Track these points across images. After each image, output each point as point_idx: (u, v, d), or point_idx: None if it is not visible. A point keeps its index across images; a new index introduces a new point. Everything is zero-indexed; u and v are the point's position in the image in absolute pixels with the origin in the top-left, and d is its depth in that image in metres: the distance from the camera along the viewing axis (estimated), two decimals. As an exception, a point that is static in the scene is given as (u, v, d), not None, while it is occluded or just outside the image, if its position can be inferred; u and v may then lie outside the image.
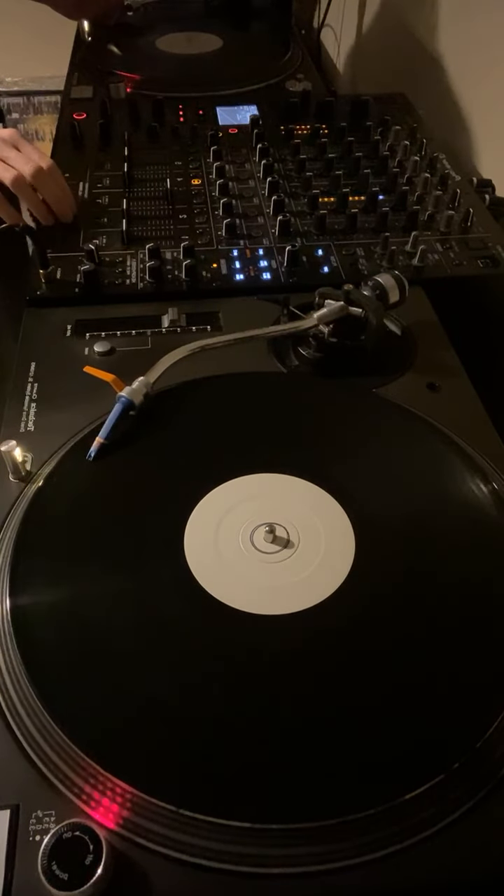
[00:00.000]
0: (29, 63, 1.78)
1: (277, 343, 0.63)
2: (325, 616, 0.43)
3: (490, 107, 0.93)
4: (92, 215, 0.78)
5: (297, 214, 0.78)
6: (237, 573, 0.46)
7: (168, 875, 0.34)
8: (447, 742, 0.38)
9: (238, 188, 0.83)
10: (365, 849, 0.35)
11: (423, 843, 0.35)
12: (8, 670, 0.41)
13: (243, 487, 0.51)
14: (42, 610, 0.43)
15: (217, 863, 0.34)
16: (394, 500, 0.50)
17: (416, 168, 0.84)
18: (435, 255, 0.73)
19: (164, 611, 0.44)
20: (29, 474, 0.51)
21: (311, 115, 0.98)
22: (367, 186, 0.81)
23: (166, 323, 0.65)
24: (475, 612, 0.44)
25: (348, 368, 0.61)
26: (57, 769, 0.37)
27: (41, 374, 0.60)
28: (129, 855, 0.34)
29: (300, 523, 0.48)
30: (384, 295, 0.61)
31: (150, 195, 0.81)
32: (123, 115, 0.97)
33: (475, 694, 0.40)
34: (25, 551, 0.46)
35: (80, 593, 0.44)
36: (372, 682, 0.41)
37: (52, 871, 0.32)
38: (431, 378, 0.60)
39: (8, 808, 0.36)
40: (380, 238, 0.73)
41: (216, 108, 1.00)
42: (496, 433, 0.56)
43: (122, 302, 0.68)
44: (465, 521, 0.49)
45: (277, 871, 0.34)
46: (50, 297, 0.68)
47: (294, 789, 0.36)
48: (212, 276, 0.70)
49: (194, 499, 0.50)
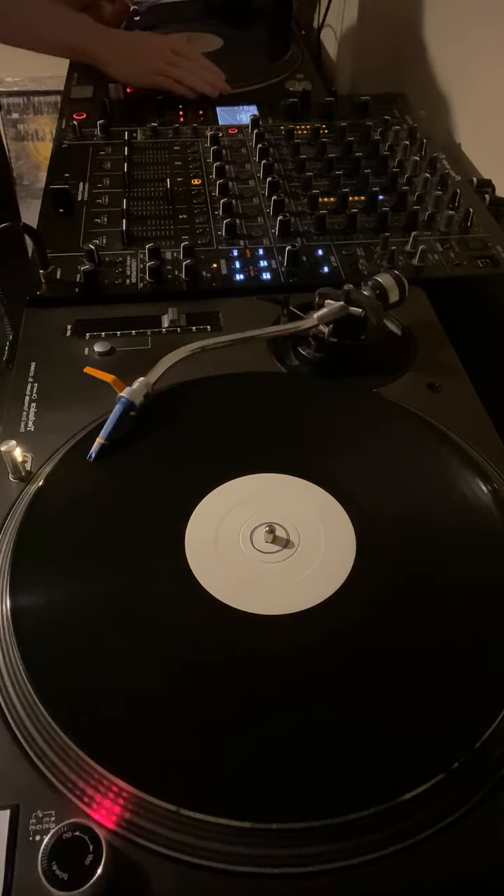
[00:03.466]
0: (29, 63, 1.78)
1: (277, 343, 0.63)
2: (325, 616, 0.43)
3: (490, 107, 0.93)
4: (92, 215, 0.78)
5: (297, 214, 0.78)
6: (237, 573, 0.46)
7: (168, 875, 0.34)
8: (446, 742, 0.38)
9: (238, 188, 0.83)
10: (365, 849, 0.35)
11: (423, 843, 0.35)
12: (8, 670, 0.41)
13: (243, 487, 0.51)
14: (42, 610, 0.43)
15: (217, 863, 0.34)
16: (394, 500, 0.50)
17: (416, 168, 0.84)
18: (435, 255, 0.73)
19: (165, 611, 0.44)
20: (29, 474, 0.51)
21: (311, 115, 0.98)
22: (367, 186, 0.81)
23: (166, 323, 0.65)
24: (475, 613, 0.44)
25: (348, 368, 0.61)
26: (57, 769, 0.37)
27: (41, 374, 0.60)
28: (129, 855, 0.34)
29: (300, 523, 0.48)
30: (384, 295, 0.61)
31: (150, 195, 0.81)
32: (123, 115, 0.97)
33: (474, 694, 0.40)
34: (25, 551, 0.46)
35: (80, 593, 0.44)
36: (372, 682, 0.41)
37: (52, 871, 0.32)
38: (431, 378, 0.60)
39: (8, 808, 0.36)
40: (380, 238, 0.73)
41: (216, 108, 1.00)
42: (496, 433, 0.56)
43: (122, 302, 0.68)
44: (465, 521, 0.49)
45: (277, 871, 0.34)
46: (50, 297, 0.68)
47: (294, 789, 0.36)
48: (212, 276, 0.70)
49: (195, 499, 0.50)
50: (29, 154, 2.23)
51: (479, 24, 0.94)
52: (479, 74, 0.96)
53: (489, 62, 0.92)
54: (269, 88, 1.08)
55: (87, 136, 0.93)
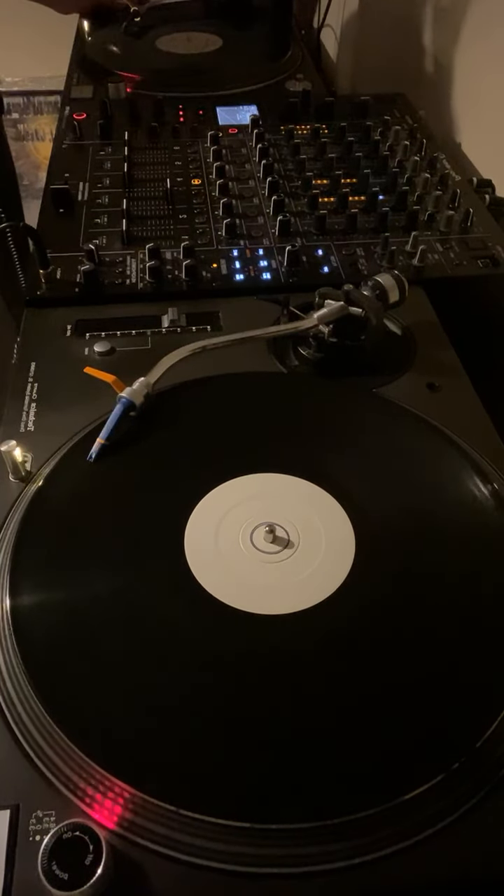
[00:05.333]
0: (29, 63, 1.78)
1: (277, 343, 0.63)
2: (325, 616, 0.43)
3: (490, 107, 0.93)
4: (92, 215, 0.78)
5: (297, 214, 0.78)
6: (238, 573, 0.46)
7: (168, 875, 0.34)
8: (447, 742, 0.38)
9: (238, 188, 0.83)
10: (365, 849, 0.35)
11: (423, 843, 0.35)
12: (8, 670, 0.41)
13: (243, 487, 0.51)
14: (42, 610, 0.43)
15: (217, 863, 0.34)
16: (394, 500, 0.50)
17: (416, 168, 0.84)
18: (435, 255, 0.73)
19: (164, 610, 0.44)
20: (29, 474, 0.51)
21: (311, 115, 0.98)
22: (367, 186, 0.81)
23: (166, 323, 0.65)
24: (475, 612, 0.44)
25: (348, 368, 0.61)
26: (57, 769, 0.37)
27: (41, 374, 0.60)
28: (129, 855, 0.34)
29: (300, 523, 0.48)
30: (384, 295, 0.61)
31: (150, 195, 0.81)
32: (123, 115, 0.97)
33: (475, 694, 0.40)
34: (25, 551, 0.46)
35: (80, 593, 0.44)
36: (372, 682, 0.41)
37: (52, 871, 0.32)
38: (431, 378, 0.60)
39: (8, 808, 0.36)
40: (380, 238, 0.73)
41: (216, 108, 1.00)
42: (496, 433, 0.56)
43: (122, 302, 0.68)
44: (465, 521, 0.49)
45: (277, 871, 0.34)
46: (50, 297, 0.68)
47: (294, 789, 0.36)
48: (212, 276, 0.70)
49: (195, 499, 0.50)
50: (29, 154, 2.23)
51: (479, 23, 0.94)
52: (479, 74, 0.96)
53: (489, 62, 0.92)
54: (269, 88, 1.08)
55: (87, 136, 0.93)
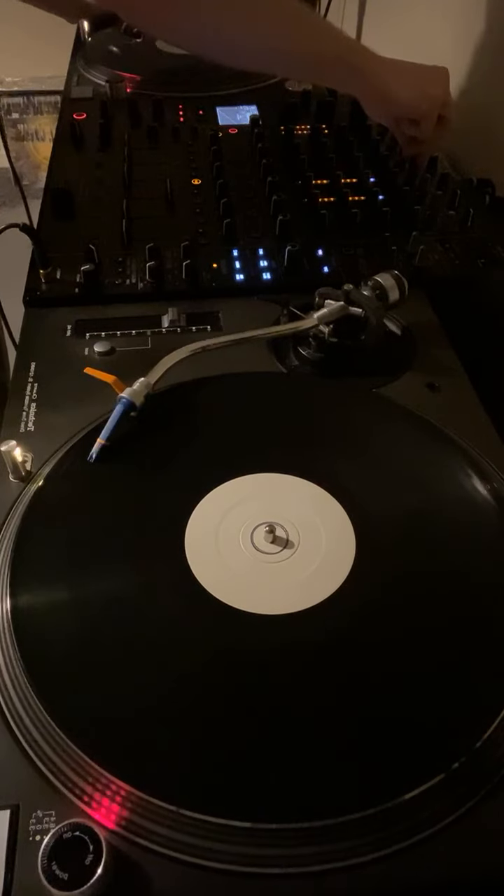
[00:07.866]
0: (29, 63, 1.78)
1: (277, 343, 0.63)
2: (325, 616, 0.43)
3: (490, 106, 0.93)
4: (92, 215, 0.78)
5: (297, 214, 0.78)
6: (238, 573, 0.46)
7: (168, 875, 0.34)
8: (446, 742, 0.38)
9: (238, 188, 0.83)
10: (364, 849, 0.35)
11: (423, 843, 0.35)
12: (8, 670, 0.41)
13: (243, 487, 0.51)
14: (42, 610, 0.43)
15: (217, 863, 0.34)
16: (394, 500, 0.50)
17: (416, 168, 0.84)
18: (435, 255, 0.73)
19: (165, 610, 0.44)
20: (29, 474, 0.51)
21: (311, 115, 0.98)
22: (366, 186, 0.81)
23: (166, 323, 0.65)
24: (475, 612, 0.44)
25: (348, 368, 0.61)
26: (57, 769, 0.37)
27: (41, 374, 0.60)
28: (129, 855, 0.34)
29: (300, 523, 0.48)
30: (384, 295, 0.61)
31: (150, 195, 0.81)
32: (123, 115, 0.97)
33: (475, 694, 0.40)
34: (25, 551, 0.46)
35: (81, 593, 0.44)
36: (372, 682, 0.41)
37: (52, 871, 0.32)
38: (431, 378, 0.60)
39: (8, 808, 0.36)
40: (380, 238, 0.73)
41: (216, 108, 1.00)
42: (496, 433, 0.56)
43: (122, 302, 0.68)
44: (465, 521, 0.49)
45: (277, 871, 0.34)
46: (50, 297, 0.68)
47: (293, 789, 0.36)
48: (212, 276, 0.70)
49: (195, 499, 0.50)
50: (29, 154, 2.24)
51: (479, 23, 0.94)
52: (479, 74, 0.96)
53: (489, 62, 0.92)
54: (269, 88, 1.08)
55: (88, 136, 0.93)
